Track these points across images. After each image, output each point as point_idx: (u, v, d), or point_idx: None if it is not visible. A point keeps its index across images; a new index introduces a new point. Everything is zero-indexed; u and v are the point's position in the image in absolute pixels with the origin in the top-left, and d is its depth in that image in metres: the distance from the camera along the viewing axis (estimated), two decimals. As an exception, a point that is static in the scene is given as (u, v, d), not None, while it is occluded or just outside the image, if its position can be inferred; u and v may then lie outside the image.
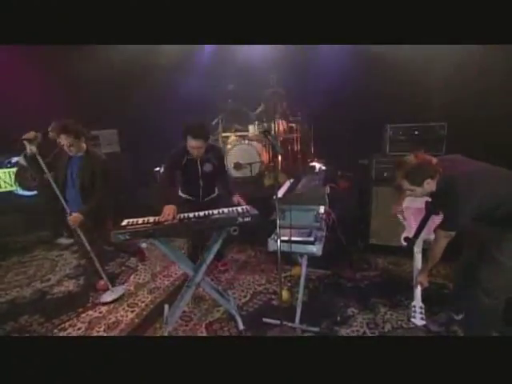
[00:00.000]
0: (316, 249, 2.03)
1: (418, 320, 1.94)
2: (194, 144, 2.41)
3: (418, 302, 2.00)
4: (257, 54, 5.12)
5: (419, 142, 3.20)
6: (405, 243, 2.21)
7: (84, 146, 2.60)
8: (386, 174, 3.28)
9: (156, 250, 3.58)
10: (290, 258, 2.76)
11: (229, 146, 4.30)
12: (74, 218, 2.55)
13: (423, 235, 2.12)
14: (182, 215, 2.06)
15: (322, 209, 2.13)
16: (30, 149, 2.38)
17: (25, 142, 2.35)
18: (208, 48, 5.40)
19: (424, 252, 2.12)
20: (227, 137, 4.61)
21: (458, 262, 2.17)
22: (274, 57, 5.04)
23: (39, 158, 2.41)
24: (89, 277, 3.12)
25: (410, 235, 2.18)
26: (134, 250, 3.37)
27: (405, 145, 3.26)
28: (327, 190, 2.36)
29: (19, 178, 4.26)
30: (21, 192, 4.41)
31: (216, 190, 2.94)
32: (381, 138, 3.53)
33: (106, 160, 2.71)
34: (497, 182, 1.70)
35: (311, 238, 2.06)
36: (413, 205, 2.24)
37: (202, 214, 2.07)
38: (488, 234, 1.80)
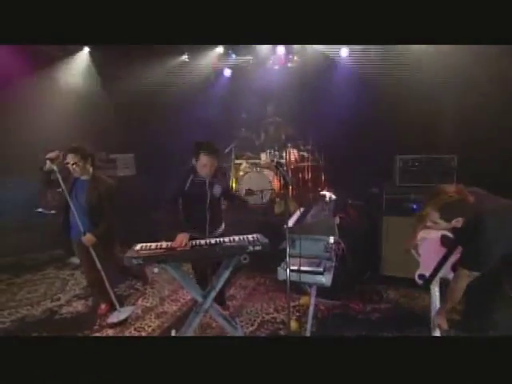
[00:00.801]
0: (325, 279, 2.02)
1: None
2: (206, 161, 2.29)
3: None
4: (268, 83, 5.39)
5: (429, 173, 3.22)
6: (420, 281, 2.09)
7: (90, 169, 2.64)
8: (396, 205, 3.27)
9: (164, 274, 3.60)
10: (299, 287, 2.74)
11: (241, 173, 4.42)
12: (88, 238, 2.58)
13: (441, 273, 2.01)
14: (193, 242, 2.11)
15: (331, 239, 2.15)
16: (50, 167, 2.44)
17: (47, 161, 2.43)
18: (224, 77, 5.70)
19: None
20: (239, 164, 4.73)
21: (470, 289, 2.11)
22: (285, 87, 5.29)
23: (59, 176, 2.48)
24: (96, 299, 3.14)
25: (426, 272, 2.07)
26: (137, 273, 3.32)
27: (415, 176, 3.28)
28: (337, 220, 2.39)
29: (40, 197, 4.42)
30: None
31: (223, 222, 2.70)
32: (392, 167, 3.57)
33: (112, 184, 2.74)
34: None
35: (320, 269, 2.06)
36: (427, 237, 2.09)
37: (213, 241, 2.12)
38: (504, 270, 1.76)
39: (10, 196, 4.37)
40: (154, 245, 2.07)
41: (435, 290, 2.01)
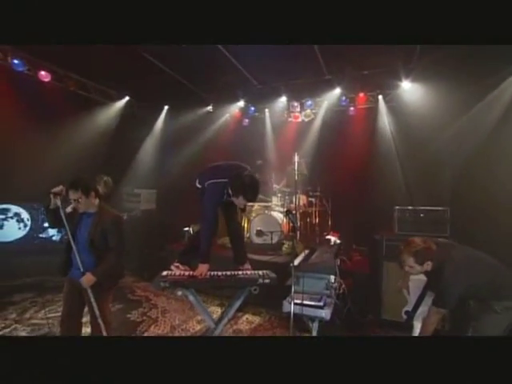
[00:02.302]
0: (325, 313, 2.29)
1: None
2: (244, 203, 2.44)
3: None
4: (281, 134, 5.99)
5: (425, 223, 3.52)
6: (405, 316, 2.40)
7: (95, 202, 2.38)
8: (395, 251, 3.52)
9: (175, 304, 3.90)
10: (301, 324, 2.94)
11: (253, 215, 4.81)
12: (88, 278, 2.23)
13: (422, 311, 2.30)
14: (212, 273, 2.42)
15: (332, 278, 2.44)
16: (55, 202, 2.25)
17: (51, 196, 2.24)
18: (242, 127, 6.34)
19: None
20: (252, 206, 5.11)
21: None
22: (298, 138, 5.88)
23: (62, 212, 2.25)
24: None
25: (410, 309, 2.38)
26: None
27: (411, 225, 3.57)
28: (337, 262, 2.68)
29: None
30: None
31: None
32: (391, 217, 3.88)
33: (117, 216, 2.47)
34: (479, 268, 2.00)
35: (321, 303, 2.33)
36: (417, 282, 2.42)
37: (228, 273, 2.43)
38: (471, 311, 2.08)
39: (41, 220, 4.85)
40: (178, 272, 2.41)
41: (417, 326, 2.30)
